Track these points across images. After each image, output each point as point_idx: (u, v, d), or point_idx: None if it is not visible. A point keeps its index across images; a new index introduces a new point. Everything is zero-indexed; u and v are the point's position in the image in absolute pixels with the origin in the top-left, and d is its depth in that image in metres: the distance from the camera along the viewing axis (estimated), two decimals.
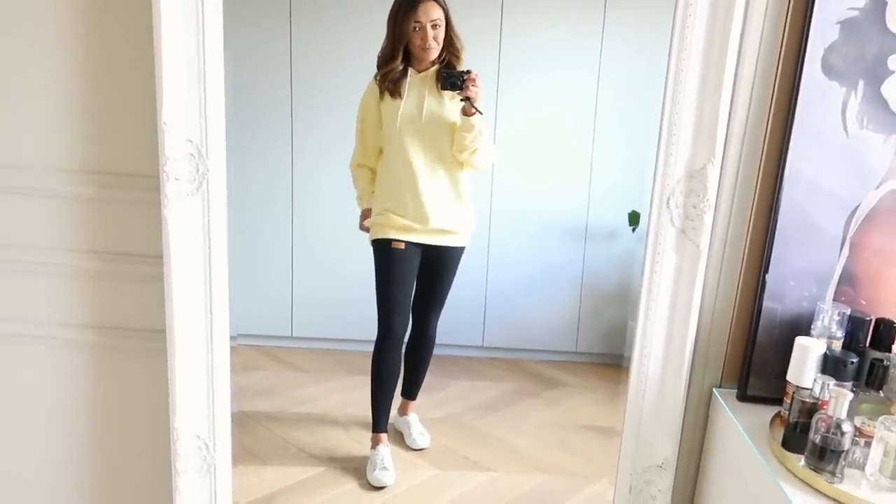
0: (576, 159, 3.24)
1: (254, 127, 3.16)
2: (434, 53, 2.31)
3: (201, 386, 1.38)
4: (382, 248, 2.42)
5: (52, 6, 1.31)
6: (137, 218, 1.40)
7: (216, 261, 1.33)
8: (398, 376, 2.56)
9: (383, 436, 2.53)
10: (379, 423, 2.53)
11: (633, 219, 3.17)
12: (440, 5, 2.29)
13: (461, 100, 2.30)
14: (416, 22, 2.26)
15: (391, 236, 2.38)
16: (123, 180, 1.38)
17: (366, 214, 2.49)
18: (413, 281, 2.49)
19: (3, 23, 1.34)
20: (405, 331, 2.51)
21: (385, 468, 2.43)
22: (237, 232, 1.36)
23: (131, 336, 1.47)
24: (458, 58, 2.35)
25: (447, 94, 2.31)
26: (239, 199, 1.36)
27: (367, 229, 2.48)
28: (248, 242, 3.22)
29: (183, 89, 1.24)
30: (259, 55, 3.11)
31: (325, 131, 3.18)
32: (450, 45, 2.33)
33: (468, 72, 2.27)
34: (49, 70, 1.35)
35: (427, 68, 2.34)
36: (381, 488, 2.39)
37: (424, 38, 2.27)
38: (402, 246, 2.38)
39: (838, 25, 1.23)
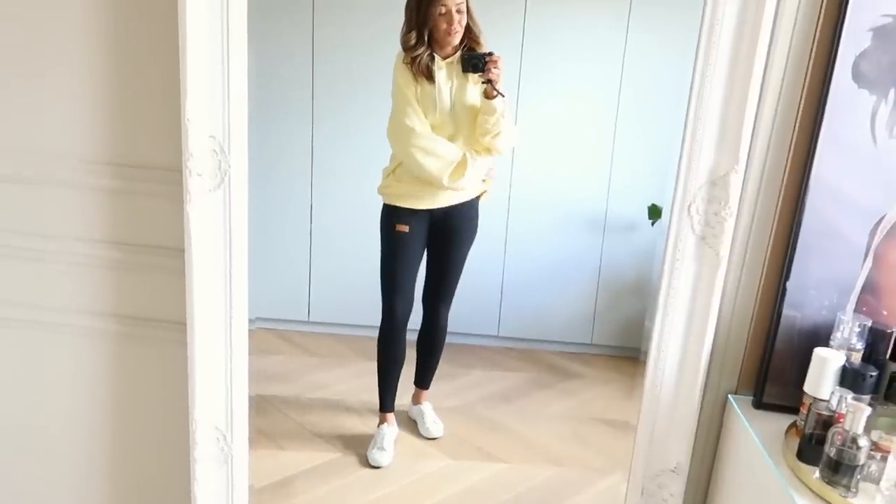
0: (596, 151, 3.20)
1: (275, 114, 3.16)
2: (458, 38, 2.32)
3: (219, 379, 1.39)
4: (387, 232, 2.46)
5: (79, 3, 1.32)
6: (160, 211, 1.41)
7: (236, 256, 1.34)
8: (403, 359, 2.60)
9: (388, 415, 2.59)
10: (385, 403, 2.60)
11: (653, 212, 3.14)
12: None
13: (483, 82, 2.31)
14: (442, 5, 2.27)
15: (399, 204, 2.42)
16: (147, 173, 1.40)
17: None
18: (417, 265, 2.52)
19: (34, 21, 1.35)
20: (408, 315, 2.54)
21: (382, 448, 2.48)
22: (256, 217, 1.37)
23: (152, 326, 1.49)
24: (477, 42, 2.36)
25: (473, 79, 2.32)
26: (259, 185, 1.37)
27: None
28: (268, 227, 3.23)
29: (206, 86, 1.24)
30: (281, 43, 3.10)
31: (345, 118, 3.18)
32: (468, 31, 2.34)
33: (490, 54, 2.29)
34: (77, 66, 1.36)
35: (450, 55, 2.35)
36: (379, 468, 2.44)
37: (450, 23, 2.28)
38: (406, 229, 2.42)
39: (871, 32, 1.20)
